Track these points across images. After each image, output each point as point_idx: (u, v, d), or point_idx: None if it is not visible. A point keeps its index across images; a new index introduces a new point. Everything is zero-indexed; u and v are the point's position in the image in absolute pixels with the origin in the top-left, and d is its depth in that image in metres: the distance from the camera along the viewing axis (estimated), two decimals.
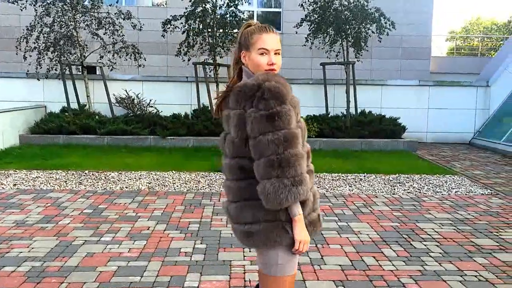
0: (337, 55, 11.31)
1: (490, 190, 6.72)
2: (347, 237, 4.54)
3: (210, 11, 10.69)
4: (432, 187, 6.83)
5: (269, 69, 2.01)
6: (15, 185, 6.47)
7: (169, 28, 10.83)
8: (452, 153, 10.48)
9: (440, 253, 4.16)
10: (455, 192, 6.58)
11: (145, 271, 3.66)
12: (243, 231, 2.00)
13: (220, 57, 11.02)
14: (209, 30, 10.86)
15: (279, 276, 1.99)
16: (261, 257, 2.02)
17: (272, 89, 1.87)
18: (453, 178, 7.52)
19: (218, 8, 10.87)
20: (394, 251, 4.20)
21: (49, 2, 10.71)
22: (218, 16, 10.89)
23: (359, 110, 11.41)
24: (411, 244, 4.37)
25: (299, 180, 1.84)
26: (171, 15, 11.02)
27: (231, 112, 1.97)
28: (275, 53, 2.03)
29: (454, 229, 4.87)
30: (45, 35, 10.55)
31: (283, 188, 1.81)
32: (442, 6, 50.37)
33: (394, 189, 6.70)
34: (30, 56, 10.42)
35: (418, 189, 6.69)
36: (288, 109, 1.88)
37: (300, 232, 1.93)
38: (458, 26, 47.18)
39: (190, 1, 10.69)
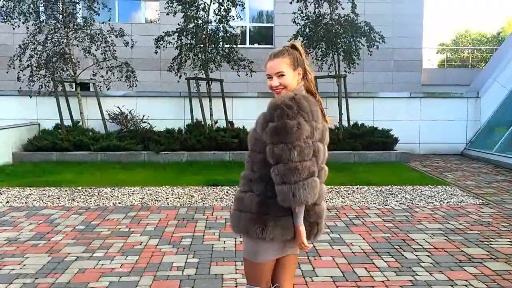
0: (329, 68, 11.43)
1: (482, 200, 6.77)
2: (339, 249, 4.56)
3: (202, 27, 10.81)
4: (424, 198, 6.87)
5: (274, 91, 2.32)
6: (7, 202, 6.46)
7: (162, 44, 10.93)
8: (445, 164, 10.56)
9: (431, 263, 4.19)
10: (447, 202, 6.63)
11: (137, 286, 3.66)
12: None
13: (211, 72, 11.11)
14: (201, 45, 10.96)
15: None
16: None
17: (279, 105, 2.17)
18: (445, 189, 7.57)
19: (209, 23, 11.00)
20: (385, 261, 4.22)
21: (41, 20, 10.79)
22: (210, 32, 11.00)
23: (351, 123, 11.50)
24: (402, 255, 4.40)
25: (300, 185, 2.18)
26: (163, 32, 11.12)
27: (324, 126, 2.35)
28: (279, 76, 2.30)
29: (445, 239, 4.91)
30: (38, 53, 10.61)
31: (286, 192, 2.14)
32: (432, 19, 50.96)
33: (387, 200, 6.74)
34: (24, 75, 10.48)
35: (410, 200, 6.73)
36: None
37: (301, 233, 2.27)
38: (448, 39, 47.70)
39: (182, 17, 10.80)
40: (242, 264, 4.06)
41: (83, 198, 6.74)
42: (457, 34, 42.54)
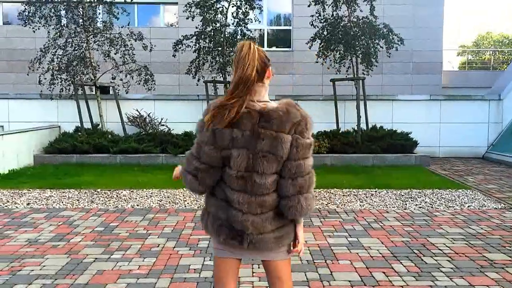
0: (347, 71, 11.36)
1: (504, 204, 6.63)
2: (357, 253, 4.51)
3: (220, 30, 10.85)
4: (445, 202, 6.77)
5: None
6: (28, 204, 6.56)
7: (180, 47, 11.01)
8: (465, 167, 10.39)
9: (451, 268, 4.11)
10: (468, 206, 6.51)
11: None
12: (274, 236, 2.22)
13: (229, 75, 11.15)
14: (219, 48, 11.00)
15: (288, 258, 2.34)
16: (278, 252, 2.28)
17: (311, 123, 2.19)
18: (466, 193, 7.45)
19: (227, 27, 11.04)
20: (404, 266, 4.16)
21: (62, 24, 10.97)
22: (228, 35, 11.04)
23: (370, 126, 11.40)
24: (422, 260, 4.33)
25: (314, 194, 2.26)
26: (182, 35, 11.20)
27: (281, 135, 2.10)
28: None
29: (466, 243, 4.82)
30: (59, 57, 10.78)
31: (312, 200, 2.20)
32: (453, 21, 50.36)
33: (406, 204, 6.65)
34: (45, 78, 10.66)
35: (430, 204, 6.63)
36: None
37: (303, 236, 2.33)
38: (469, 40, 47.02)
39: (200, 21, 10.86)
40: (258, 267, 4.05)
41: (102, 200, 6.80)
42: (478, 36, 41.94)
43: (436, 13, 16.31)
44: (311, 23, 11.43)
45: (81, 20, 10.94)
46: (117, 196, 7.12)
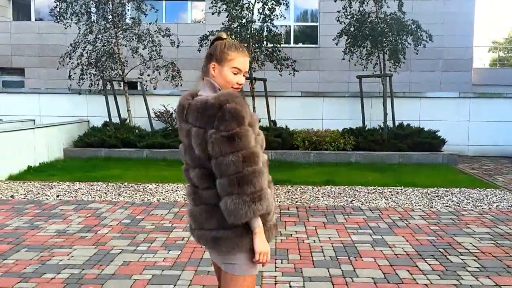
0: (374, 68, 11.24)
1: None
2: (381, 250, 4.48)
3: (246, 26, 10.88)
4: (472, 201, 6.65)
5: (237, 88, 2.12)
6: (58, 196, 6.73)
7: (206, 43, 11.08)
8: (495, 167, 10.17)
9: (477, 267, 4.05)
10: (496, 206, 6.38)
11: (178, 280, 3.73)
12: (211, 236, 2.05)
13: (254, 71, 11.17)
14: (245, 45, 11.03)
15: (241, 275, 2.06)
16: (224, 258, 2.07)
17: (233, 111, 1.92)
18: (495, 192, 7.30)
19: (253, 23, 11.05)
20: (429, 264, 4.11)
21: (92, 20, 11.19)
22: (254, 31, 11.06)
23: (396, 123, 11.26)
24: (447, 258, 4.28)
25: (258, 196, 1.92)
26: (208, 31, 11.28)
27: (193, 129, 2.02)
28: (244, 75, 2.15)
29: (493, 243, 4.73)
30: (88, 52, 11.01)
31: (243, 204, 1.89)
32: (484, 17, 49.16)
33: (432, 202, 6.56)
34: (75, 73, 10.90)
35: (457, 203, 6.53)
36: (247, 129, 1.95)
37: (260, 244, 1.99)
38: (501, 37, 45.84)
39: (226, 17, 10.91)
40: (282, 262, 4.07)
41: (129, 194, 6.93)
42: (511, 32, 40.82)
43: (466, 8, 15.98)
44: (337, 18, 11.34)
45: (110, 16, 11.14)
46: (143, 189, 7.24)
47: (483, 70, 21.53)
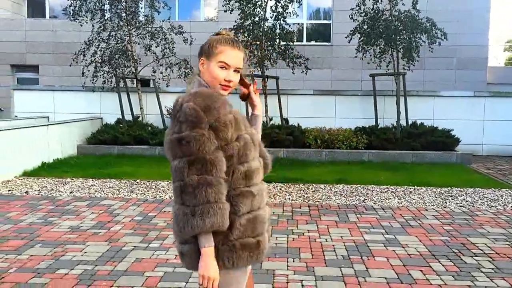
0: (387, 66, 11.15)
1: None
2: (394, 250, 4.45)
3: (258, 24, 10.85)
4: (487, 201, 6.57)
5: (225, 85, 1.92)
6: (71, 192, 6.79)
7: None
8: (510, 166, 10.03)
9: (492, 268, 4.00)
10: (511, 207, 6.30)
11: (190, 277, 3.74)
12: (179, 250, 1.89)
13: (267, 69, 11.14)
14: (258, 43, 11.01)
15: None
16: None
17: (188, 112, 1.75)
18: (510, 192, 7.20)
19: (266, 21, 11.02)
20: (443, 265, 4.07)
21: (106, 18, 11.26)
22: (266, 29, 11.03)
23: (410, 122, 11.16)
24: (461, 259, 4.23)
25: (199, 210, 1.69)
26: (221, 29, 11.26)
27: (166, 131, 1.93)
28: (235, 70, 1.94)
29: (508, 244, 4.67)
30: (102, 50, 11.07)
31: (183, 216, 1.72)
32: (499, 15, 48.54)
33: (446, 202, 6.50)
34: (88, 71, 10.97)
35: (471, 203, 6.45)
36: (201, 134, 1.74)
37: (205, 266, 1.74)
38: None
39: (239, 14, 10.90)
40: (293, 261, 4.06)
41: (141, 191, 6.96)
42: None
43: (482, 6, 15.75)
44: (350, 16, 11.27)
45: (124, 14, 11.19)
46: (155, 187, 7.27)
47: (498, 69, 21.27)
